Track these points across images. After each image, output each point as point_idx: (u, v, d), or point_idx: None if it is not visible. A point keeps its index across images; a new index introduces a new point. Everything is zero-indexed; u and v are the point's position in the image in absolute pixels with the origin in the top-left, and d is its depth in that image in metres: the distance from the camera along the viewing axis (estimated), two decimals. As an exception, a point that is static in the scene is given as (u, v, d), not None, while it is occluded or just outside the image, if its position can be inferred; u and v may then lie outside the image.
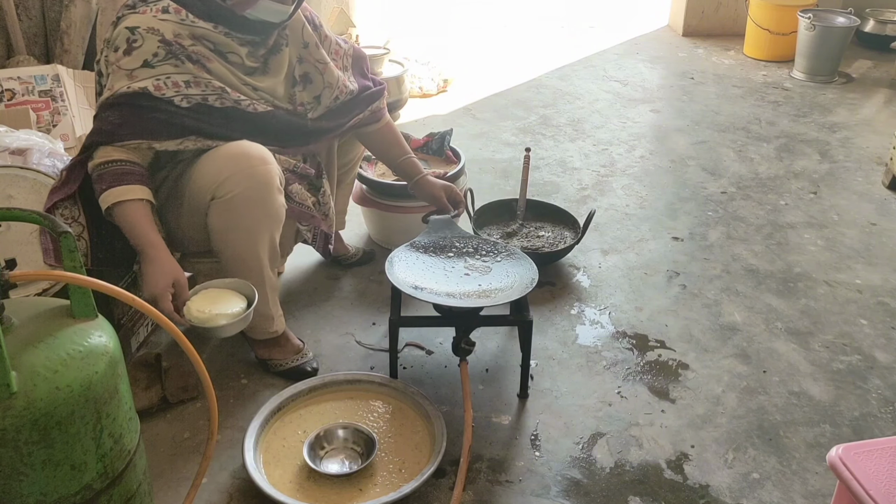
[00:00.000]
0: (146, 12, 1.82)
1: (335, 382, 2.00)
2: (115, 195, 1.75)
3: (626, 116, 3.89)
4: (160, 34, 1.80)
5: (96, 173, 1.78)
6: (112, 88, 1.79)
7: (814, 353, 2.26)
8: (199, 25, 1.84)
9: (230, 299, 1.80)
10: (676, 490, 1.79)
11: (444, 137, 2.75)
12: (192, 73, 1.83)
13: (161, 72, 1.80)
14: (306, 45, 2.06)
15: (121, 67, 1.79)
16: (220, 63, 1.88)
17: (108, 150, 1.78)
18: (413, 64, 4.08)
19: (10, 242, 1.80)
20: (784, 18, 4.52)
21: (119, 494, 1.37)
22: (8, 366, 1.17)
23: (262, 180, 1.84)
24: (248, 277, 1.90)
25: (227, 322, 1.74)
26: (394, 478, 1.76)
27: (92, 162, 1.79)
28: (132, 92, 1.78)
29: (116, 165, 1.77)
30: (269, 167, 1.86)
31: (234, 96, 1.88)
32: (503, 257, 2.10)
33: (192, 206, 1.89)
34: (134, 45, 1.79)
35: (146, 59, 1.79)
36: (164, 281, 1.73)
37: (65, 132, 2.49)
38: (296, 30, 2.04)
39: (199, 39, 1.85)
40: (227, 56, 1.90)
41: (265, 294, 1.96)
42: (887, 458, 1.37)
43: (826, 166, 3.41)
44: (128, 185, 1.76)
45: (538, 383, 2.10)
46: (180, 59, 1.82)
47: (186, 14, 1.83)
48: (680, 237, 2.83)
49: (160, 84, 1.80)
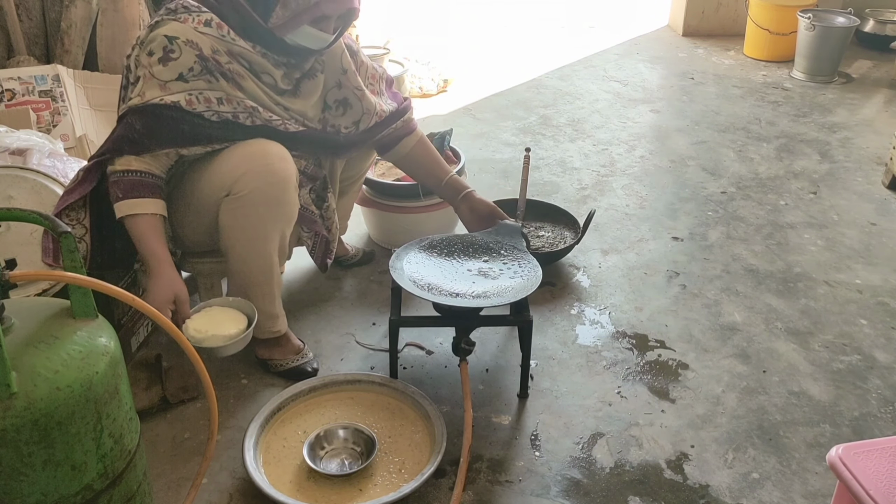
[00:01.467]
0: (187, 21, 1.80)
1: (335, 382, 2.00)
2: (128, 206, 1.77)
3: (626, 116, 3.89)
4: (198, 48, 1.79)
5: (113, 178, 1.79)
6: (143, 96, 1.78)
7: (814, 353, 2.26)
8: (238, 44, 1.83)
9: (230, 319, 1.81)
10: (676, 490, 1.79)
11: (444, 137, 2.75)
12: (224, 91, 1.83)
13: (194, 87, 1.80)
14: (345, 71, 2.06)
15: (154, 76, 1.78)
16: (253, 82, 1.87)
17: (130, 158, 1.79)
18: (413, 64, 4.08)
19: (10, 242, 1.80)
20: (784, 18, 4.52)
21: (119, 494, 1.37)
22: (8, 366, 1.17)
23: (281, 177, 1.84)
24: (255, 274, 1.91)
25: (223, 344, 1.75)
26: (394, 478, 1.76)
27: (111, 166, 1.79)
28: (164, 104, 1.78)
29: (134, 175, 1.78)
30: (287, 164, 1.87)
31: (266, 115, 1.88)
32: (509, 258, 2.10)
33: (202, 203, 1.89)
34: (171, 55, 1.78)
35: (181, 73, 1.78)
36: (165, 295, 1.75)
37: (65, 132, 2.49)
38: (335, 56, 2.05)
39: (236, 57, 1.84)
40: (262, 76, 1.89)
41: (272, 292, 1.98)
42: (887, 458, 1.37)
43: (826, 166, 3.41)
44: (142, 199, 1.78)
45: (538, 383, 2.10)
46: (214, 76, 1.81)
47: (228, 31, 1.82)
48: (680, 237, 2.83)
49: (192, 99, 1.79)
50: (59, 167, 2.05)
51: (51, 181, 1.93)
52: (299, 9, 1.81)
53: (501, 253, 2.12)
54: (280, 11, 1.81)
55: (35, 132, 2.25)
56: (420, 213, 2.57)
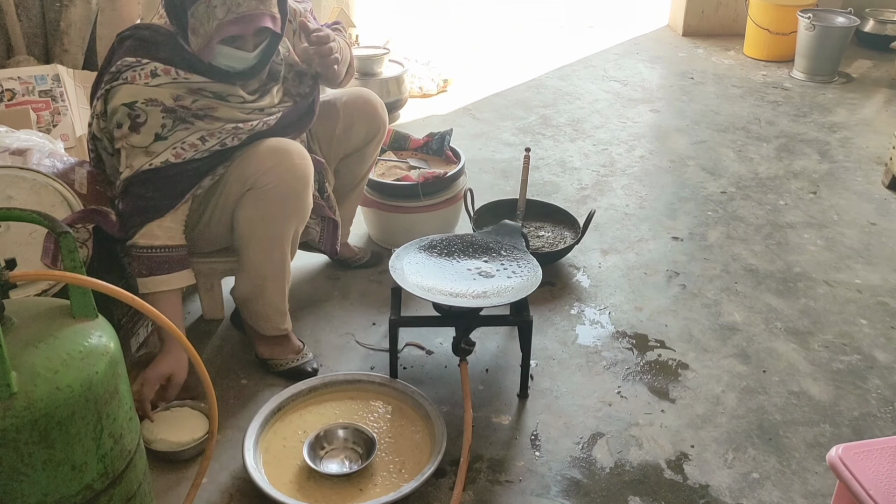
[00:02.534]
0: (136, 80, 1.78)
1: (335, 382, 2.00)
2: (154, 284, 1.82)
3: (626, 116, 3.89)
4: (160, 104, 1.79)
5: (136, 252, 1.81)
6: (133, 167, 1.80)
7: (814, 352, 2.26)
8: (193, 80, 1.82)
9: (189, 425, 1.86)
10: (676, 490, 1.79)
11: (444, 137, 2.75)
12: (204, 129, 1.83)
13: (175, 139, 1.81)
14: (288, 50, 2.05)
15: (133, 146, 1.80)
16: (225, 107, 1.87)
17: (153, 228, 1.81)
18: (413, 64, 4.08)
19: (9, 242, 1.79)
20: (784, 18, 4.52)
21: (119, 494, 1.37)
22: (8, 366, 1.17)
23: (301, 174, 1.88)
24: (271, 267, 1.95)
25: (170, 450, 1.81)
26: (394, 478, 1.76)
27: (133, 240, 1.80)
28: (155, 168, 1.79)
29: (160, 252, 1.81)
30: (307, 162, 1.91)
31: (248, 127, 1.89)
32: (509, 258, 2.10)
33: (227, 199, 1.92)
34: (138, 120, 1.78)
35: (156, 133, 1.79)
36: (160, 372, 1.82)
37: (65, 132, 2.48)
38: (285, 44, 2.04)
39: (198, 92, 1.84)
40: (228, 98, 1.88)
41: (283, 288, 2.01)
42: (887, 458, 1.37)
43: (826, 166, 3.41)
44: (169, 274, 1.82)
45: (538, 383, 2.10)
46: (189, 122, 1.82)
47: (176, 72, 1.80)
48: (680, 237, 2.83)
49: (178, 151, 1.81)
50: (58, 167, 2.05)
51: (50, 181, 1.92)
52: (207, 33, 1.78)
53: (501, 253, 2.12)
54: (193, 39, 1.80)
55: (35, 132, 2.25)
56: (420, 213, 2.57)
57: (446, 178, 2.57)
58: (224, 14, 1.75)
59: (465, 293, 1.95)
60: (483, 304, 1.91)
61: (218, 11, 1.75)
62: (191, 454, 1.82)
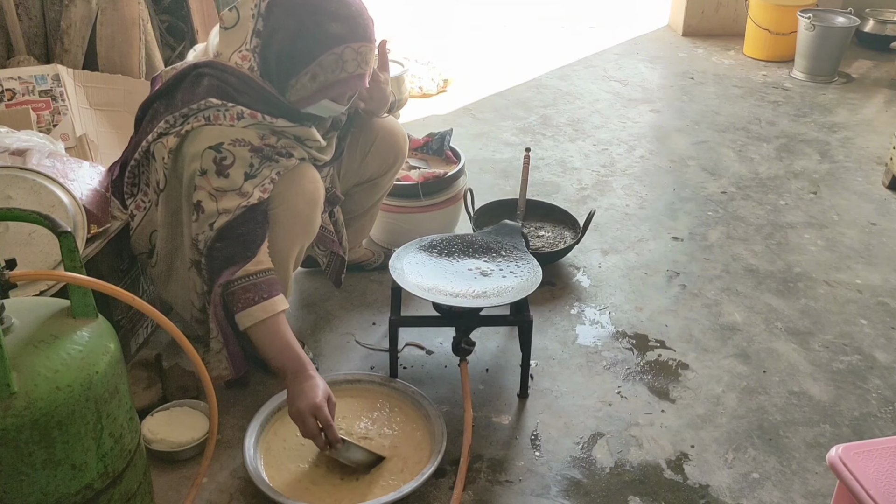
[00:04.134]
0: (219, 120, 1.76)
1: (335, 382, 2.00)
2: (262, 310, 1.74)
3: (626, 116, 3.89)
4: (248, 143, 1.77)
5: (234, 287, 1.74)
6: (230, 210, 1.74)
7: (814, 353, 2.26)
8: (278, 124, 1.81)
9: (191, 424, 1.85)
10: (676, 490, 1.79)
11: (444, 137, 2.75)
12: (284, 167, 1.82)
13: (262, 178, 1.78)
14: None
15: (224, 190, 1.75)
16: (302, 149, 1.88)
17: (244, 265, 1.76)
18: (413, 64, 4.08)
19: (9, 242, 1.79)
20: (784, 18, 4.52)
21: (119, 494, 1.37)
22: (8, 366, 1.17)
23: (311, 198, 1.87)
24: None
25: (170, 450, 1.80)
26: (394, 478, 1.76)
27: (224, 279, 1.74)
28: (253, 205, 1.76)
29: (259, 277, 1.76)
30: (318, 186, 1.90)
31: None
32: (509, 258, 2.10)
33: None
34: (224, 163, 1.75)
35: (246, 172, 1.76)
36: (324, 393, 1.70)
37: (65, 132, 2.48)
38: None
39: (281, 134, 1.84)
40: (306, 142, 1.89)
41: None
42: (887, 458, 1.37)
43: (826, 166, 3.41)
44: (272, 298, 1.76)
45: (538, 383, 2.10)
46: (274, 160, 1.80)
47: (262, 116, 1.78)
48: (680, 237, 2.83)
49: (266, 188, 1.79)
50: (58, 167, 2.05)
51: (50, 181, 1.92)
52: (324, 84, 1.78)
53: (501, 253, 2.12)
54: (301, 88, 1.78)
55: (36, 133, 2.24)
56: (420, 213, 2.57)
57: (446, 178, 2.57)
58: (354, 69, 1.77)
59: (465, 293, 1.95)
60: (483, 304, 1.91)
61: (349, 66, 1.76)
62: (191, 454, 1.82)
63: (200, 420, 1.87)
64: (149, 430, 1.82)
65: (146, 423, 1.83)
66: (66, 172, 2.03)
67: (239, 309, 1.74)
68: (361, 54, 1.78)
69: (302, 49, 1.75)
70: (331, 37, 1.74)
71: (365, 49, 1.79)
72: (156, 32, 2.92)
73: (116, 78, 2.67)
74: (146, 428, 1.81)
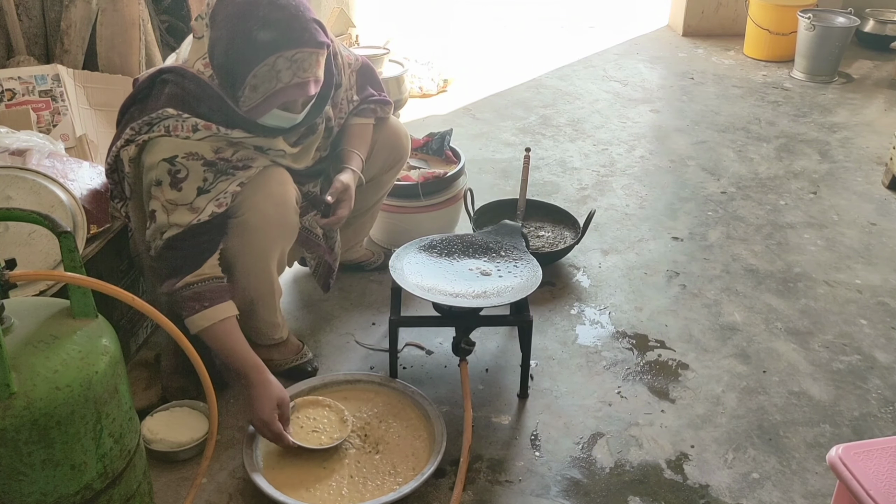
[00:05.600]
0: (178, 132, 1.74)
1: (335, 382, 2.00)
2: (212, 314, 1.73)
3: (626, 116, 3.89)
4: (201, 157, 1.74)
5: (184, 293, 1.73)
6: (180, 224, 1.73)
7: (814, 353, 2.26)
8: (233, 135, 1.77)
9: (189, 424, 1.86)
10: (676, 490, 1.79)
11: (444, 137, 2.75)
12: (243, 178, 1.81)
13: (218, 191, 1.77)
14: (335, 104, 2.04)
15: (176, 203, 1.74)
16: (264, 158, 1.85)
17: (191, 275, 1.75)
18: (413, 64, 4.08)
19: (9, 242, 1.80)
20: (784, 18, 4.52)
21: (119, 494, 1.37)
22: (8, 366, 1.17)
23: (279, 199, 1.85)
24: (257, 289, 1.92)
25: (171, 449, 1.81)
26: (393, 478, 1.76)
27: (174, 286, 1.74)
28: (203, 222, 1.75)
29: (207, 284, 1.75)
30: (286, 187, 1.87)
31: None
32: (509, 258, 2.10)
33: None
34: (178, 175, 1.73)
35: (199, 187, 1.75)
36: (271, 404, 1.75)
37: (65, 132, 2.48)
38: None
39: (238, 144, 1.80)
40: (268, 151, 1.86)
41: (273, 304, 1.99)
42: (887, 458, 1.37)
43: (826, 166, 3.41)
44: (220, 304, 1.75)
45: (538, 383, 2.10)
46: (230, 174, 1.78)
47: (217, 128, 1.75)
48: (680, 237, 2.83)
49: (221, 202, 1.77)
50: (58, 167, 2.05)
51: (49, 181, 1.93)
52: (264, 95, 1.72)
53: (501, 253, 2.12)
54: (247, 98, 1.73)
55: (36, 133, 2.24)
56: (420, 213, 2.57)
57: (446, 178, 2.57)
58: (290, 78, 1.70)
59: (465, 293, 1.95)
60: (483, 304, 1.91)
61: (283, 75, 1.70)
62: (191, 454, 1.82)
63: (200, 420, 1.87)
64: (149, 430, 1.82)
65: (146, 423, 1.83)
66: (66, 172, 2.04)
67: (185, 315, 1.74)
68: (297, 62, 1.69)
69: (237, 61, 1.69)
70: (261, 46, 1.66)
71: (301, 56, 1.69)
72: (156, 33, 2.92)
73: (116, 78, 2.67)
74: (146, 428, 1.81)
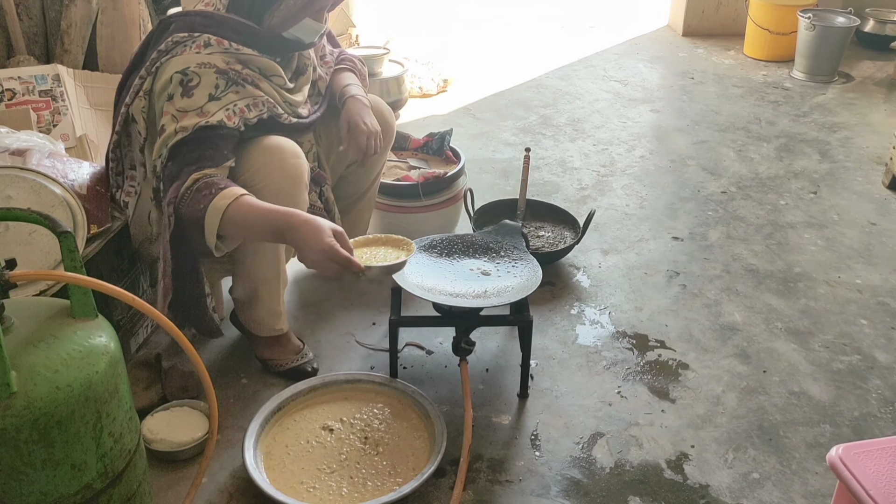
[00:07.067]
0: (187, 51, 1.81)
1: (335, 382, 2.00)
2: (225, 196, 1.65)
3: (626, 116, 3.89)
4: (213, 66, 1.80)
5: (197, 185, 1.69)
6: (187, 128, 1.74)
7: (814, 353, 2.26)
8: (244, 51, 1.85)
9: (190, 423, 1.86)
10: (676, 490, 1.79)
11: (444, 137, 2.75)
12: (251, 96, 1.84)
13: (228, 101, 1.80)
14: (322, 56, 2.13)
15: (185, 110, 1.76)
16: (267, 84, 1.90)
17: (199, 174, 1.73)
18: (413, 64, 4.08)
19: (9, 242, 1.80)
20: (784, 18, 4.52)
21: (119, 494, 1.37)
22: (8, 366, 1.17)
23: (292, 173, 1.85)
24: (264, 269, 1.93)
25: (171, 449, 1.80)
26: (393, 478, 1.76)
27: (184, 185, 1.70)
28: (211, 125, 1.75)
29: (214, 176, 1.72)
30: (300, 161, 1.88)
31: (278, 111, 1.91)
32: (509, 258, 2.10)
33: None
34: (190, 84, 1.77)
35: (210, 93, 1.78)
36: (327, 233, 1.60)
37: (65, 132, 2.48)
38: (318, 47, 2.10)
39: (246, 64, 1.87)
40: (272, 78, 1.92)
41: (277, 289, 1.99)
42: (887, 458, 1.37)
43: (826, 166, 3.41)
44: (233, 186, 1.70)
45: (538, 383, 2.10)
46: (240, 85, 1.83)
47: (229, 43, 1.83)
48: (680, 237, 2.83)
49: (230, 114, 1.79)
50: (58, 167, 2.05)
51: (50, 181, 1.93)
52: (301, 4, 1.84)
53: (501, 253, 2.12)
54: (293, 2, 1.83)
55: (36, 133, 2.24)
56: (420, 213, 2.57)
57: (446, 178, 2.57)
58: None
59: (465, 293, 1.95)
60: (483, 304, 1.91)
61: None
62: (191, 454, 1.82)
63: (200, 420, 1.87)
64: (149, 430, 1.82)
65: (146, 423, 1.83)
66: (66, 172, 2.03)
67: (202, 207, 1.65)
68: None
69: None
70: None
71: None
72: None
73: (117, 78, 2.65)
74: (146, 428, 1.81)
